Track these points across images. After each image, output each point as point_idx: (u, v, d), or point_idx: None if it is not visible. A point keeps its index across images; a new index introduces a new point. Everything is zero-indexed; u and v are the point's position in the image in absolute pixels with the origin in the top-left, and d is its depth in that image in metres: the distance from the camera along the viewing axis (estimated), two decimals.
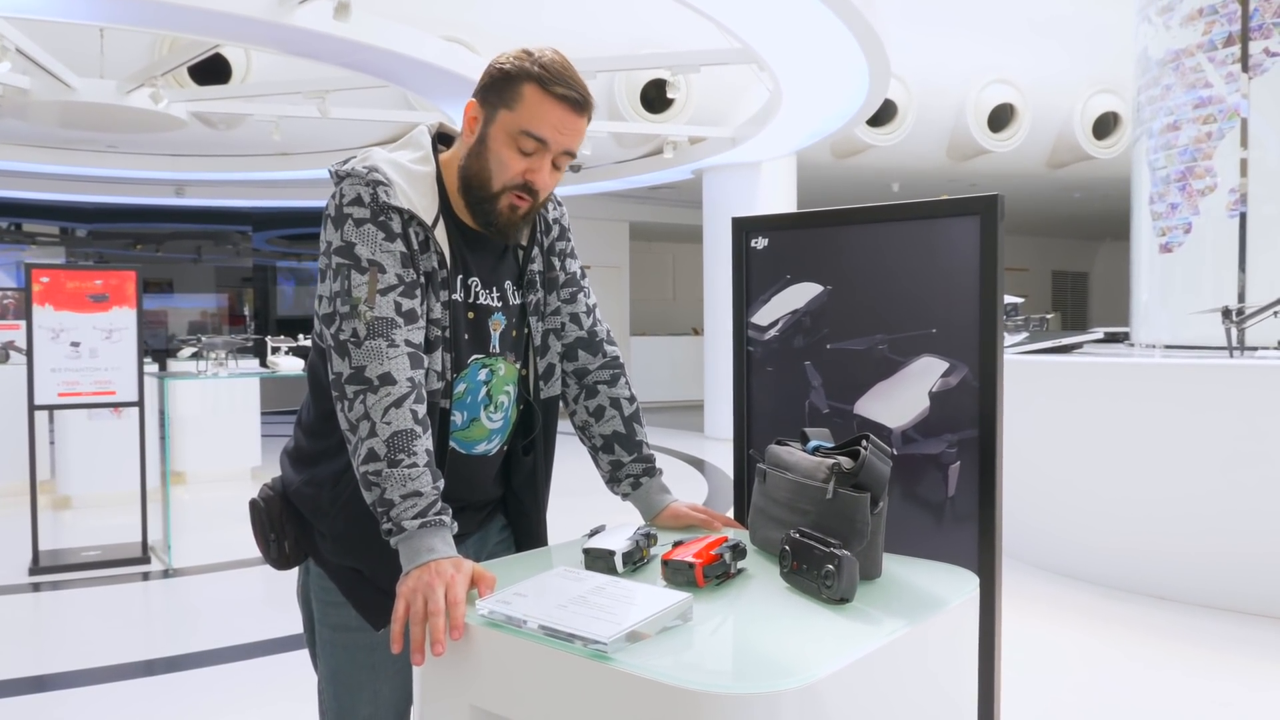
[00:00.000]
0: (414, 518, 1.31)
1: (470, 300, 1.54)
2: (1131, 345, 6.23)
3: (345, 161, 1.48)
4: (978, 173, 12.26)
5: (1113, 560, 4.56)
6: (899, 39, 7.33)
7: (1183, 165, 5.61)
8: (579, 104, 1.44)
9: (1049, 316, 6.60)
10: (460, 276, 1.52)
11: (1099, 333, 5.92)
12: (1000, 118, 11.06)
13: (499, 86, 1.45)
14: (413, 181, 1.48)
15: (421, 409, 1.37)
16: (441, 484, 1.36)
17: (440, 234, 1.49)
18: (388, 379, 1.35)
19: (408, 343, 1.39)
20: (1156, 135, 5.83)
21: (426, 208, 1.47)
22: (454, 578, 1.23)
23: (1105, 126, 11.52)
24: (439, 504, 1.34)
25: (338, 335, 1.39)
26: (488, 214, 1.49)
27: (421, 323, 1.44)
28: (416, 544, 1.30)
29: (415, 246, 1.45)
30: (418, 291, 1.44)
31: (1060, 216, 16.76)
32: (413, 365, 1.39)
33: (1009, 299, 5.69)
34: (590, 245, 13.99)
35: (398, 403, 1.35)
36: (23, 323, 6.13)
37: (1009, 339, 5.55)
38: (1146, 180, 5.96)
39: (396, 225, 1.44)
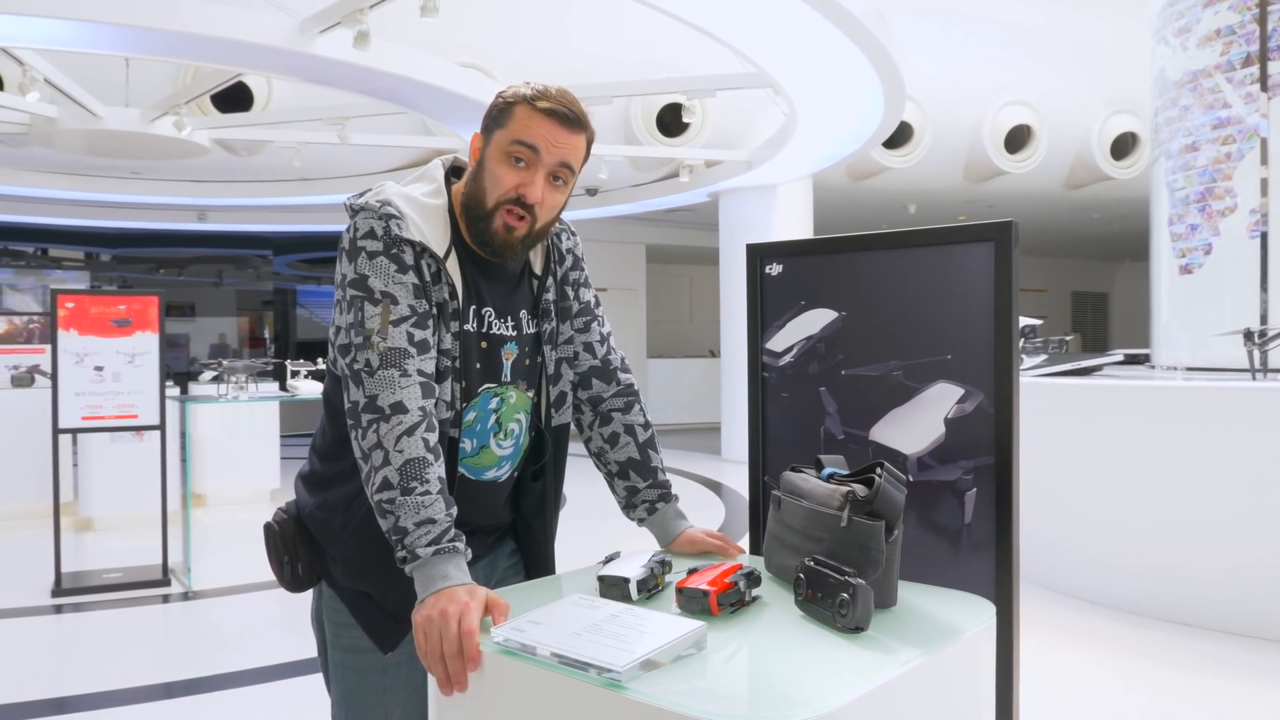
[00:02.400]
0: (428, 545, 1.32)
1: (483, 330, 1.55)
2: (1152, 367, 6.18)
3: (360, 195, 1.51)
4: (995, 194, 12.24)
5: (1135, 585, 4.51)
6: (914, 61, 7.35)
7: (1202, 186, 5.59)
8: (567, 118, 1.48)
9: (1068, 338, 6.56)
10: (474, 307, 1.54)
11: (1118, 355, 5.89)
12: (1017, 139, 11.05)
13: (497, 115, 1.51)
14: (425, 214, 1.50)
15: (433, 437, 1.39)
16: (455, 511, 1.38)
17: (452, 265, 1.51)
18: (400, 408, 1.38)
19: (420, 372, 1.42)
20: (1175, 156, 5.81)
21: (438, 240, 1.50)
22: (467, 605, 1.24)
23: (1124, 147, 11.48)
24: (452, 531, 1.35)
25: (352, 365, 1.42)
26: (484, 233, 1.51)
27: (434, 353, 1.46)
28: (431, 571, 1.31)
29: (427, 278, 1.48)
30: (430, 322, 1.46)
31: (1079, 237, 16.69)
32: (424, 394, 1.41)
33: (1026, 321, 5.67)
34: (607, 268, 14.03)
35: (410, 431, 1.37)
36: (48, 347, 6.21)
37: (1027, 361, 5.52)
38: (1165, 201, 5.94)
39: (409, 257, 1.46)
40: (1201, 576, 4.28)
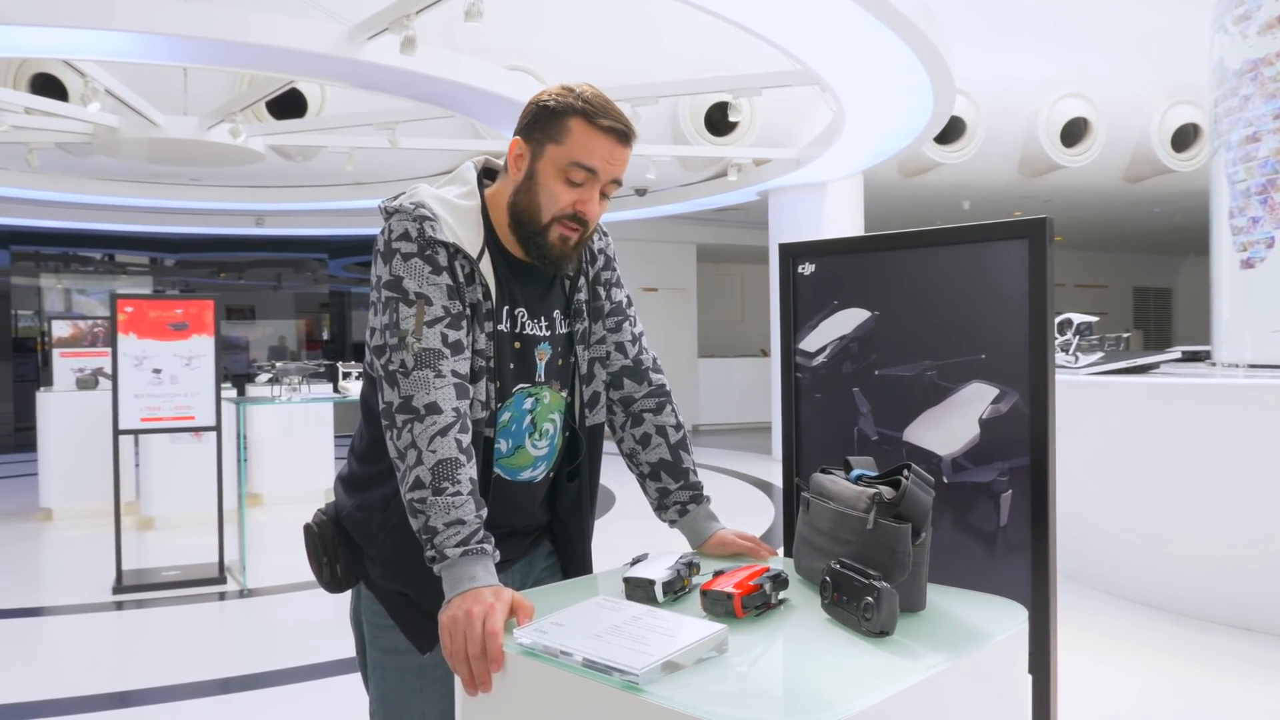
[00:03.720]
0: (456, 545, 1.34)
1: (516, 330, 1.57)
2: (1213, 364, 6.01)
3: (395, 198, 1.53)
4: (1051, 188, 11.99)
5: (1195, 588, 4.39)
6: (966, 54, 7.24)
7: (1264, 178, 5.41)
8: (624, 135, 1.49)
9: (1126, 335, 6.41)
10: (506, 307, 1.55)
11: (1176, 352, 5.73)
12: (1074, 132, 10.80)
13: (544, 123, 1.49)
14: (458, 216, 1.52)
15: (466, 438, 1.40)
16: (485, 513, 1.39)
17: (485, 266, 1.52)
18: (434, 408, 1.39)
19: (454, 373, 1.43)
20: (1235, 147, 5.64)
21: (471, 241, 1.51)
22: (492, 606, 1.25)
23: (1185, 139, 11.17)
24: (481, 532, 1.36)
25: (387, 366, 1.44)
26: (540, 246, 1.52)
27: (467, 353, 1.47)
28: (459, 571, 1.33)
29: (461, 279, 1.49)
30: (464, 323, 1.48)
31: (1140, 231, 16.28)
32: (458, 395, 1.42)
33: (1083, 318, 5.54)
34: (657, 267, 14.03)
35: (443, 431, 1.38)
36: (110, 350, 6.39)
37: (1083, 359, 5.40)
38: (1226, 194, 5.77)
39: (443, 259, 1.48)
40: (1261, 579, 4.15)
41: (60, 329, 7.84)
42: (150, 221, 12.27)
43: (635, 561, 1.44)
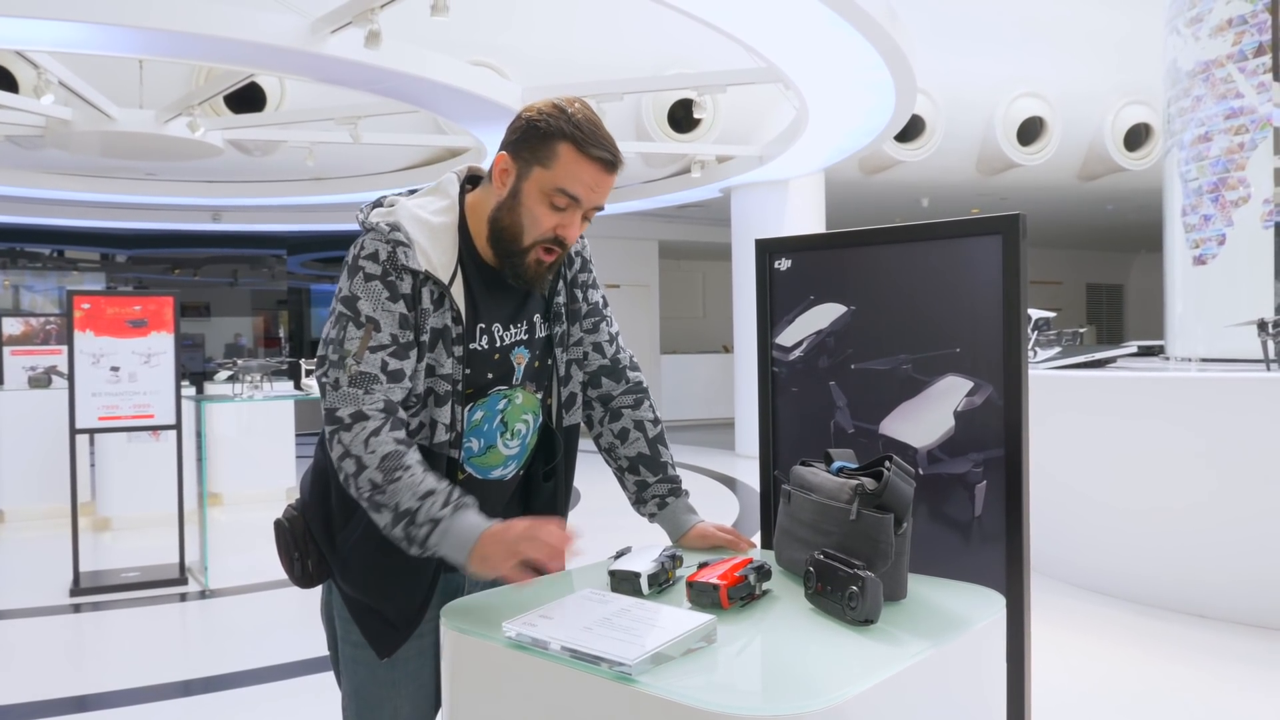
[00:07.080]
0: (443, 507, 1.36)
1: (494, 345, 1.56)
2: (1167, 359, 6.15)
3: (375, 206, 1.52)
4: (1008, 186, 12.18)
5: (1150, 577, 4.50)
6: (926, 54, 7.31)
7: (1215, 176, 5.55)
8: (612, 165, 1.47)
9: (1082, 330, 6.52)
10: (480, 325, 1.55)
11: (1132, 346, 5.85)
12: (1030, 131, 10.99)
13: (533, 143, 1.47)
14: (433, 236, 1.50)
15: (401, 433, 1.42)
16: (446, 481, 1.41)
17: (457, 290, 1.51)
18: (359, 416, 1.41)
19: (386, 400, 1.43)
20: (1188, 147, 5.77)
21: (445, 265, 1.50)
22: (533, 523, 1.32)
23: (1137, 138, 11.41)
24: (457, 491, 1.39)
25: (322, 379, 1.46)
26: (516, 267, 1.51)
27: (406, 383, 1.47)
28: (459, 524, 1.35)
29: (426, 305, 1.48)
30: (410, 353, 1.47)
31: (1093, 228, 16.59)
32: (385, 411, 1.43)
33: (1040, 313, 5.64)
34: (619, 264, 14.03)
35: (375, 432, 1.40)
36: (65, 348, 6.26)
37: (1041, 354, 5.50)
38: (1179, 192, 5.90)
39: (405, 286, 1.47)
40: (1216, 568, 4.26)
41: (11, 326, 7.66)
42: (102, 217, 12.01)
43: (619, 555, 1.45)
